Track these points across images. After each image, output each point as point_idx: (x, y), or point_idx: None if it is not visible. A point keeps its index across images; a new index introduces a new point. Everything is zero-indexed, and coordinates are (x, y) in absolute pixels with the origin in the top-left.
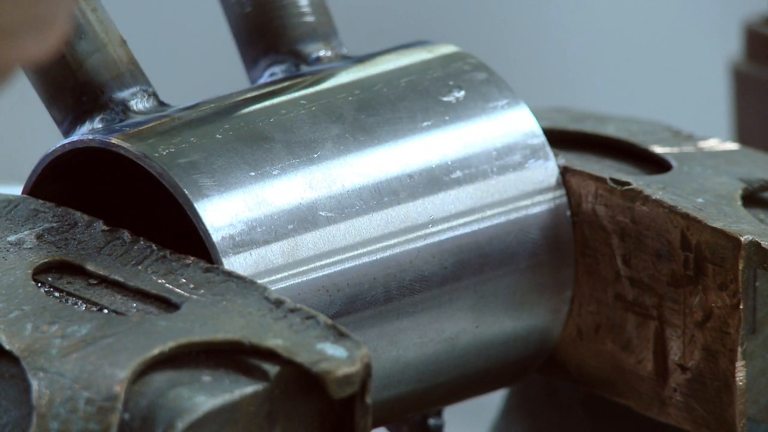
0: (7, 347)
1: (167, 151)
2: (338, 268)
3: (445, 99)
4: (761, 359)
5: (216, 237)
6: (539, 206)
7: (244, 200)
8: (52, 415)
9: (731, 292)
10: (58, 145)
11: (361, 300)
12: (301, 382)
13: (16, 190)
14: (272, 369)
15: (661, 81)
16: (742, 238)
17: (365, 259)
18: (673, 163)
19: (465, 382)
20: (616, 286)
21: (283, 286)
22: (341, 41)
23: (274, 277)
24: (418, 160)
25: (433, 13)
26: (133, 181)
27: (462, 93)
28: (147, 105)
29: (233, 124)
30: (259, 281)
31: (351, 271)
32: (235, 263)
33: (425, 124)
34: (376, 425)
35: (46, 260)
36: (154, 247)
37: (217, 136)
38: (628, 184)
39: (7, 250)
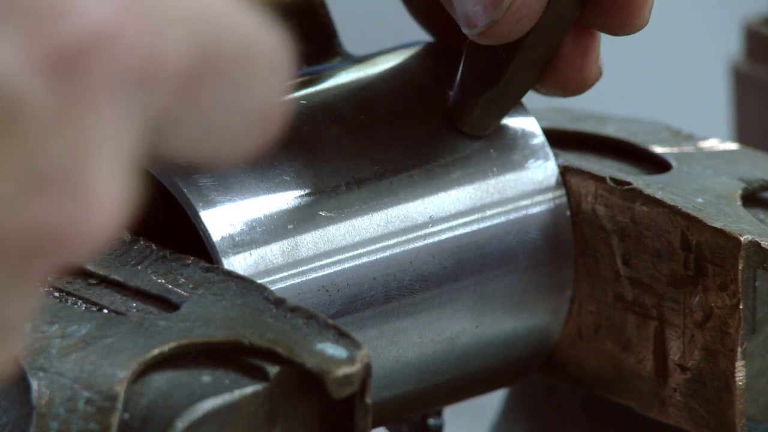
0: None
1: None
2: (338, 268)
3: (446, 98)
4: (761, 359)
5: (216, 237)
6: (539, 206)
7: (244, 200)
8: (52, 415)
9: (731, 293)
10: None
11: (360, 300)
12: (301, 382)
13: None
14: (272, 369)
15: (661, 81)
16: (742, 238)
17: (365, 259)
18: (673, 163)
19: (465, 382)
20: (616, 286)
21: (283, 286)
22: (341, 41)
23: (274, 277)
24: (417, 160)
25: None
26: None
27: None
28: None
29: None
30: (259, 281)
31: (351, 271)
32: (234, 263)
33: (425, 124)
34: (375, 425)
35: None
36: (153, 247)
37: None
38: (628, 184)
39: None
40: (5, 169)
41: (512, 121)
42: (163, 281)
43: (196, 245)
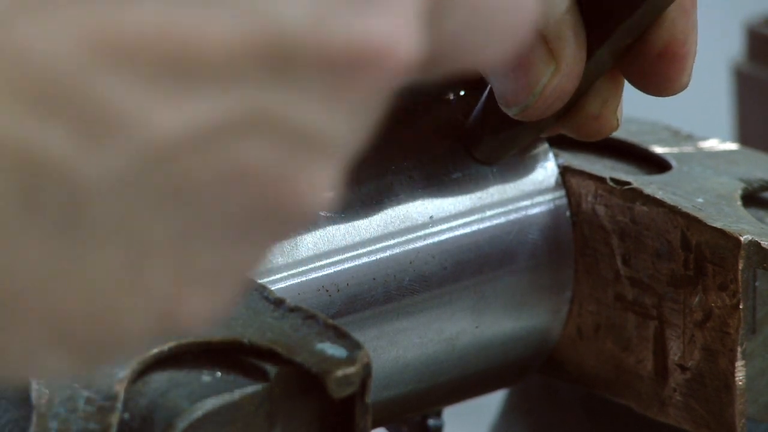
0: None
1: None
2: (338, 268)
3: (445, 99)
4: (761, 359)
5: None
6: (539, 207)
7: None
8: (51, 414)
9: (731, 292)
10: None
11: (360, 300)
12: (301, 382)
13: None
14: (272, 369)
15: None
16: (742, 238)
17: (365, 260)
18: (673, 163)
19: (465, 383)
20: (616, 286)
21: (283, 286)
22: None
23: (274, 277)
24: (417, 160)
25: None
26: None
27: (461, 93)
28: None
29: None
30: (259, 281)
31: (351, 271)
32: None
33: (425, 124)
34: (375, 425)
35: None
36: None
37: None
38: (628, 183)
39: None
40: None
41: None
42: None
43: None
